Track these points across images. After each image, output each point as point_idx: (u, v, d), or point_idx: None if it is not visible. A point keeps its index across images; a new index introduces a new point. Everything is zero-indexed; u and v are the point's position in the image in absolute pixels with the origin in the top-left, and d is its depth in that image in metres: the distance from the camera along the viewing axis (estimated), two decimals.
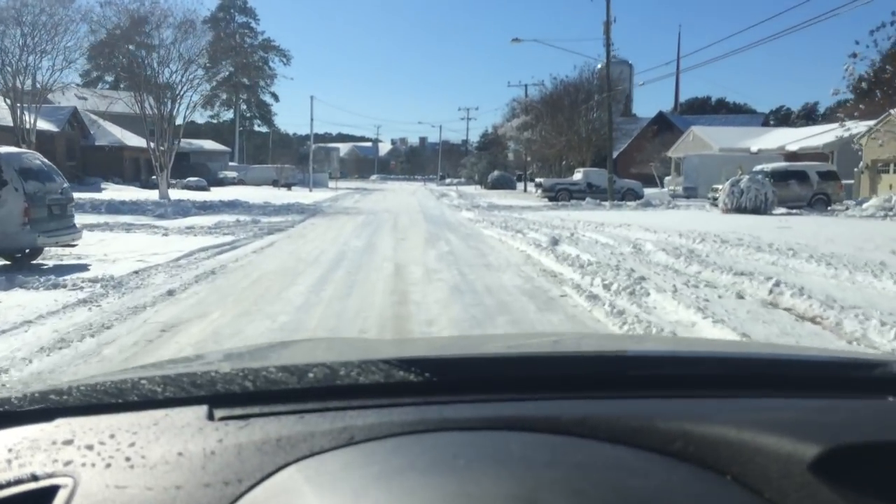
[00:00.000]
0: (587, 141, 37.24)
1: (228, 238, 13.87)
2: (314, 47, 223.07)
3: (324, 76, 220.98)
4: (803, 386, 1.01)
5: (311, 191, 45.99)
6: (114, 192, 33.50)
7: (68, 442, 0.80)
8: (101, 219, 17.71)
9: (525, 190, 50.03)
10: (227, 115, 74.70)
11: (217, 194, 33.48)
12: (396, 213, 23.56)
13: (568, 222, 17.93)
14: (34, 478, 0.74)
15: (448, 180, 79.53)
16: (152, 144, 28.90)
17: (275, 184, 50.79)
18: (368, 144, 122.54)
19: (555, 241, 12.61)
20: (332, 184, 66.09)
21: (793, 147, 35.42)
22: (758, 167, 25.72)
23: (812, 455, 0.73)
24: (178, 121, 30.73)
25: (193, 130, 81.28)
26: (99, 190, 34.31)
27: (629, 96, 60.42)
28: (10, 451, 0.79)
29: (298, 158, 52.06)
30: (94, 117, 43.06)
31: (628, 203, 29.47)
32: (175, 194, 31.55)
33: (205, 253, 11.53)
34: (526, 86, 51.60)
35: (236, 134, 71.77)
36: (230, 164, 61.17)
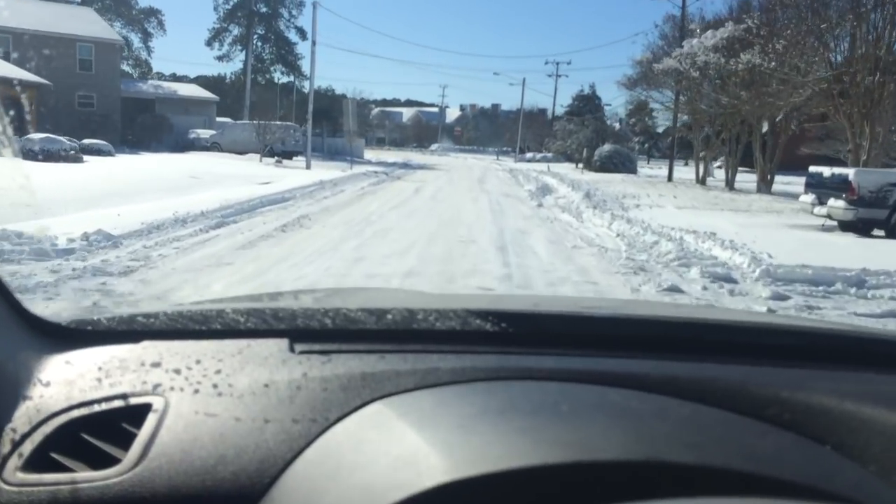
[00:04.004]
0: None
1: None
2: None
3: (377, 16, 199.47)
4: None
5: (308, 168, 26.29)
6: None
7: (156, 364, 0.81)
8: None
9: (670, 179, 29.17)
10: (241, 58, 55.58)
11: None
12: None
13: None
14: (124, 397, 0.75)
15: (530, 155, 58.64)
16: None
17: (267, 153, 31.12)
18: (434, 110, 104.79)
19: None
20: (370, 154, 46.87)
21: None
22: None
23: None
24: None
25: (209, 84, 62.78)
26: None
27: None
28: (99, 369, 0.80)
29: (306, 117, 31.72)
30: None
31: None
32: None
33: None
34: None
35: (247, 81, 52.67)
36: (219, 119, 42.00)
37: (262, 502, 0.64)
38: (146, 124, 35.95)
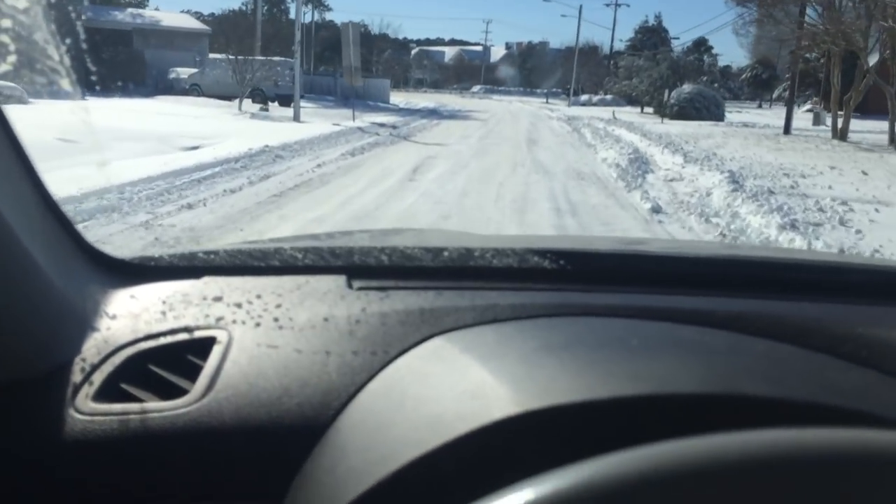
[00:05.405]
0: None
1: None
2: None
3: None
4: None
5: (296, 118, 19.12)
6: None
7: (218, 298, 0.82)
8: None
9: (787, 131, 21.18)
10: None
11: None
12: None
13: None
14: (188, 329, 0.76)
15: (585, 97, 50.20)
16: None
17: (253, 99, 24.03)
18: (479, 48, 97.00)
19: None
20: (398, 97, 39.68)
21: None
22: None
23: None
24: None
25: (228, 19, 55.19)
26: None
27: None
28: (164, 302, 0.81)
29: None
30: None
31: None
32: None
33: None
34: None
35: (257, 10, 45.14)
36: (212, 56, 34.75)
37: (329, 433, 0.64)
38: (116, 62, 29.13)
